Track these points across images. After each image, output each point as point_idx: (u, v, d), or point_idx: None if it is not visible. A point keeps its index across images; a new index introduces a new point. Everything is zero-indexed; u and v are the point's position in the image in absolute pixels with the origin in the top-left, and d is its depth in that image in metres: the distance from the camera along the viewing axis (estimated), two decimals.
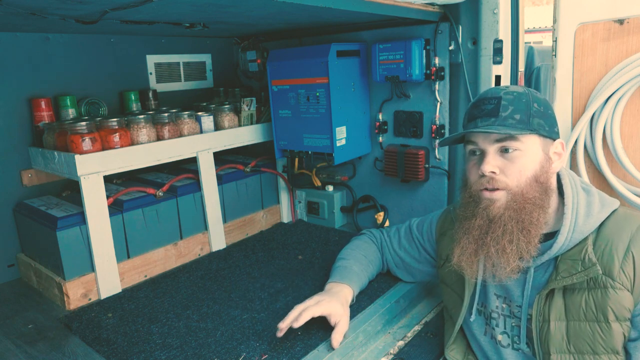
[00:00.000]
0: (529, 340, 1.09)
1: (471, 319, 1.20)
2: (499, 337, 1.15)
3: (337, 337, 1.23)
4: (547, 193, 1.05)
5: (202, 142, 1.84)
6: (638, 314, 0.96)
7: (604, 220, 1.02)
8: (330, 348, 1.22)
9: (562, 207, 1.06)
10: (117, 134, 1.60)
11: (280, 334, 1.22)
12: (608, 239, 0.99)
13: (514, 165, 1.03)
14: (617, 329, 0.96)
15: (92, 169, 1.51)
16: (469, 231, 1.08)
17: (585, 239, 1.01)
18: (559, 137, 1.09)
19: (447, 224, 1.31)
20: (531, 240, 1.02)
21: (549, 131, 1.06)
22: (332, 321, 1.26)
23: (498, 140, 1.04)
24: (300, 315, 1.21)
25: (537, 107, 1.05)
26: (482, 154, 1.06)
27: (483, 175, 1.05)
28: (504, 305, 1.14)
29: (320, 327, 1.30)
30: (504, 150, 1.04)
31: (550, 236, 1.06)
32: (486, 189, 1.05)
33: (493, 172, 1.03)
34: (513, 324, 1.13)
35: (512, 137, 1.02)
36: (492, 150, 1.05)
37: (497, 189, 1.04)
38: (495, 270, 1.06)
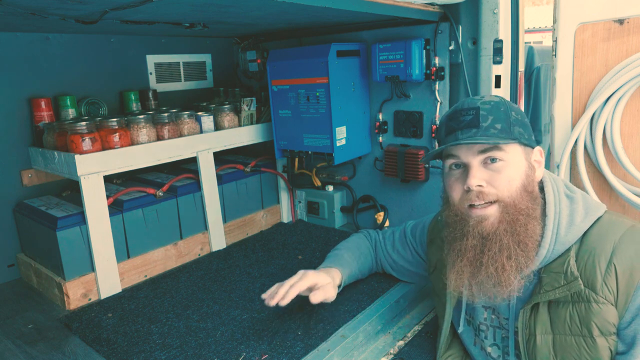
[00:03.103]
0: (518, 352, 1.07)
1: (459, 330, 1.18)
2: (489, 349, 1.13)
3: (317, 295, 1.24)
4: (536, 202, 1.01)
5: (202, 142, 1.84)
6: (624, 327, 0.93)
7: (588, 229, 0.98)
8: (330, 347, 1.22)
9: (544, 217, 1.01)
10: (117, 134, 1.60)
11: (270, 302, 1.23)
12: (591, 249, 0.95)
13: (501, 176, 0.98)
14: (602, 344, 0.94)
15: (92, 169, 1.51)
16: (463, 253, 1.01)
17: (569, 249, 0.98)
18: (536, 145, 1.05)
19: (436, 231, 1.27)
20: (529, 253, 0.97)
21: (528, 139, 1.02)
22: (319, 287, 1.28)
23: (482, 152, 0.98)
24: (287, 293, 1.22)
25: (515, 116, 1.02)
26: (465, 168, 1.01)
27: (469, 190, 0.99)
28: (492, 317, 1.12)
29: (321, 327, 1.30)
30: (490, 161, 0.99)
31: None
32: (473, 206, 0.99)
33: (480, 186, 0.98)
34: (503, 336, 1.10)
35: (496, 147, 0.98)
36: (475, 162, 0.99)
37: (488, 204, 0.98)
38: (497, 290, 1.00)
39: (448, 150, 1.03)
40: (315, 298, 1.23)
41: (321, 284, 1.28)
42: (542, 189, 1.05)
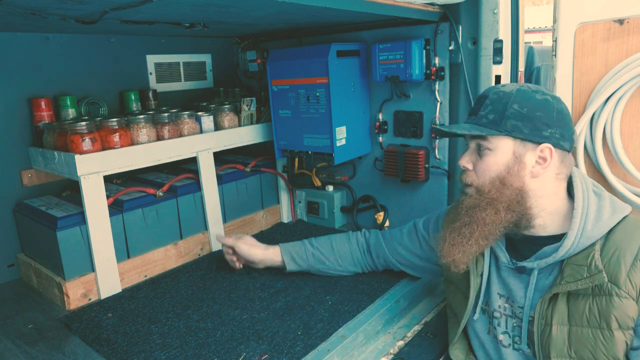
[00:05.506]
0: (530, 342, 1.08)
1: (475, 317, 1.19)
2: (500, 337, 1.14)
3: (223, 237, 1.64)
4: (521, 195, 1.04)
5: (202, 142, 1.84)
6: None
7: (613, 226, 1.00)
8: (330, 347, 1.22)
9: (572, 210, 1.03)
10: (117, 134, 1.60)
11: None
12: (616, 245, 0.97)
13: (482, 163, 1.08)
14: (619, 337, 0.95)
15: (92, 169, 1.51)
16: (454, 222, 1.13)
17: (593, 244, 0.99)
18: (548, 142, 1.02)
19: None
20: (489, 236, 1.05)
21: (529, 134, 1.01)
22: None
23: (473, 138, 1.09)
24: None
25: (516, 109, 1.02)
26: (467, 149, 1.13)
27: (463, 168, 1.12)
28: (506, 305, 1.14)
29: (321, 328, 1.30)
30: (481, 148, 1.08)
31: (557, 239, 1.04)
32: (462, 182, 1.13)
33: (466, 167, 1.10)
34: (514, 325, 1.12)
35: (482, 137, 1.06)
36: (472, 145, 1.11)
37: (469, 185, 1.10)
38: (460, 253, 1.10)
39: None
40: (220, 237, 1.65)
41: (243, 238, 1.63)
42: (570, 184, 1.09)
